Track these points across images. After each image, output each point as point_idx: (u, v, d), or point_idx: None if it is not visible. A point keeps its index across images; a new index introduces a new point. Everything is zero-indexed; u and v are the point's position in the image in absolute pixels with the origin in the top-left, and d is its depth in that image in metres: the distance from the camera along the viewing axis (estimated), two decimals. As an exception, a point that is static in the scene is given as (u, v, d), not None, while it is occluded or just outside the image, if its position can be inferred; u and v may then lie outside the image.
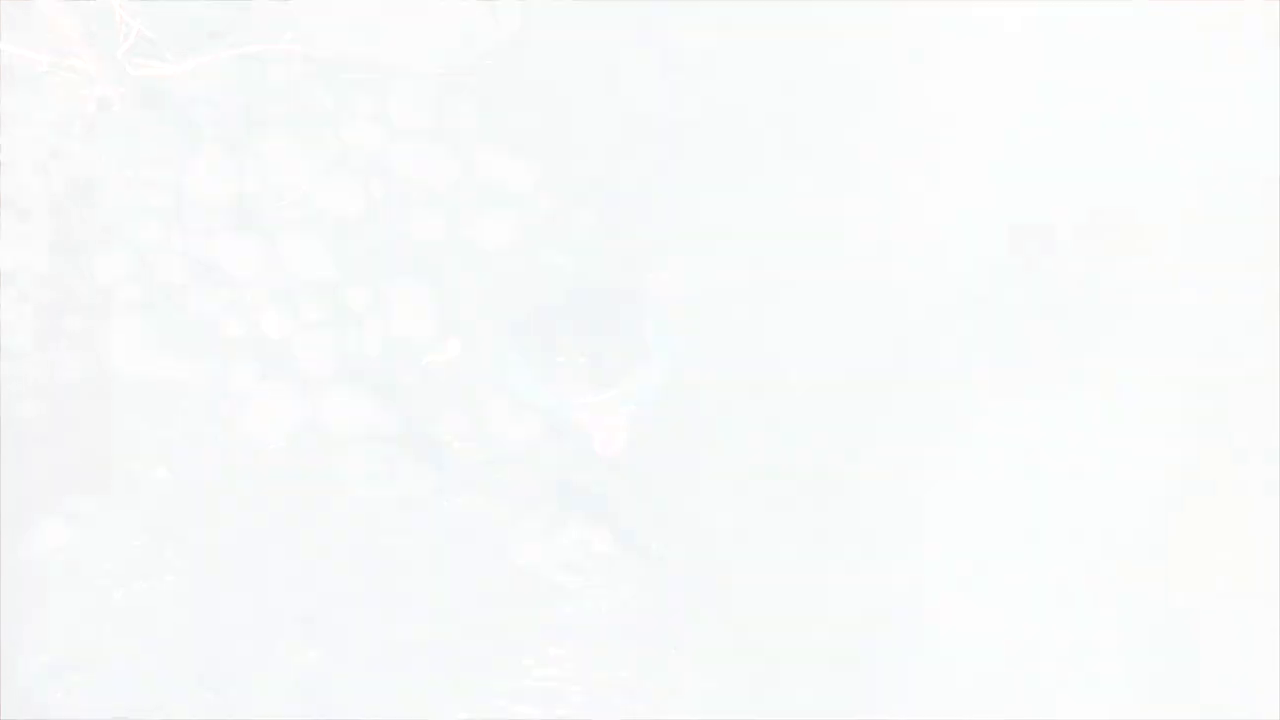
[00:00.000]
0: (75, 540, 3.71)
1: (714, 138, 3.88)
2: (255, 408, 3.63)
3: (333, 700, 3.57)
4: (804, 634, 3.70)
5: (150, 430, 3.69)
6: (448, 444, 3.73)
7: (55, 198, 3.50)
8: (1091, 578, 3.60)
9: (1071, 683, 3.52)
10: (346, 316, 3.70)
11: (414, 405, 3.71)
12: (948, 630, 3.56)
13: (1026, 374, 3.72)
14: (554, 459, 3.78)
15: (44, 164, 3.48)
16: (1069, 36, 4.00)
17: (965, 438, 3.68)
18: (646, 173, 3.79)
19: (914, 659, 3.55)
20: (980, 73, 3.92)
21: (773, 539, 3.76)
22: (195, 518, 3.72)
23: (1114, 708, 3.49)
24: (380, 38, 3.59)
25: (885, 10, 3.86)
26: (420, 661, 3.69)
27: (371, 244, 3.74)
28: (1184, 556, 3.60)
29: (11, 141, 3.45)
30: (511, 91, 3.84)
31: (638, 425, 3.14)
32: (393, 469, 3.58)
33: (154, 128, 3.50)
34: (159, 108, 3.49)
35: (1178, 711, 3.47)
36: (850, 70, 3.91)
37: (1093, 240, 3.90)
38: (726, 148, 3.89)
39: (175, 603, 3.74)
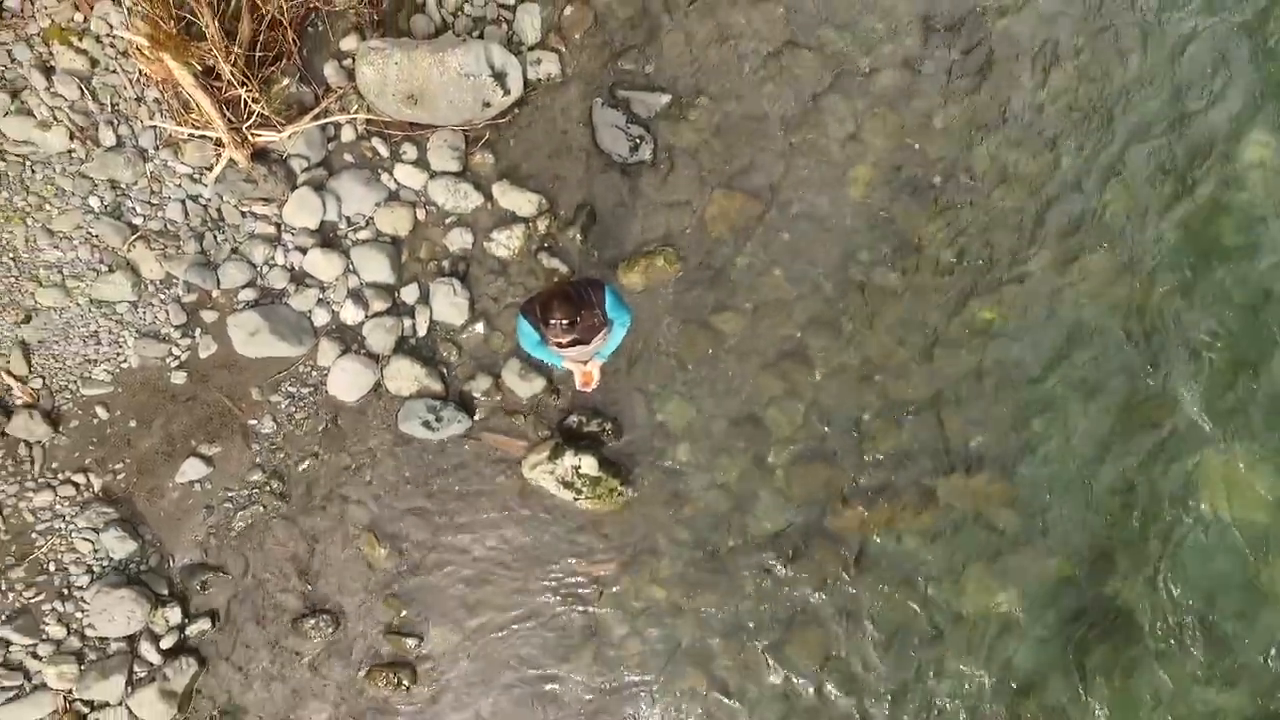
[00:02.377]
0: (209, 475, 5.06)
1: (666, 172, 5.17)
2: (338, 375, 4.74)
3: (412, 591, 4.86)
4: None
5: (262, 394, 5.01)
6: (477, 399, 4.89)
7: (194, 228, 4.84)
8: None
9: None
10: (402, 308, 4.83)
11: (452, 370, 4.83)
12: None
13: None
14: (553, 410, 5.10)
15: (187, 204, 4.83)
16: None
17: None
18: (613, 200, 5.09)
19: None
20: None
21: (710, 465, 5.02)
22: (295, 458, 5.04)
23: None
24: (420, 105, 4.84)
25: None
26: (463, 560, 4.98)
27: (418, 255, 4.95)
28: None
29: (165, 188, 4.80)
30: (516, 141, 5.11)
31: (603, 370, 4.48)
32: (439, 416, 4.78)
33: (263, 176, 4.78)
34: (267, 161, 4.79)
35: None
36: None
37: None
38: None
39: (277, 522, 5.04)
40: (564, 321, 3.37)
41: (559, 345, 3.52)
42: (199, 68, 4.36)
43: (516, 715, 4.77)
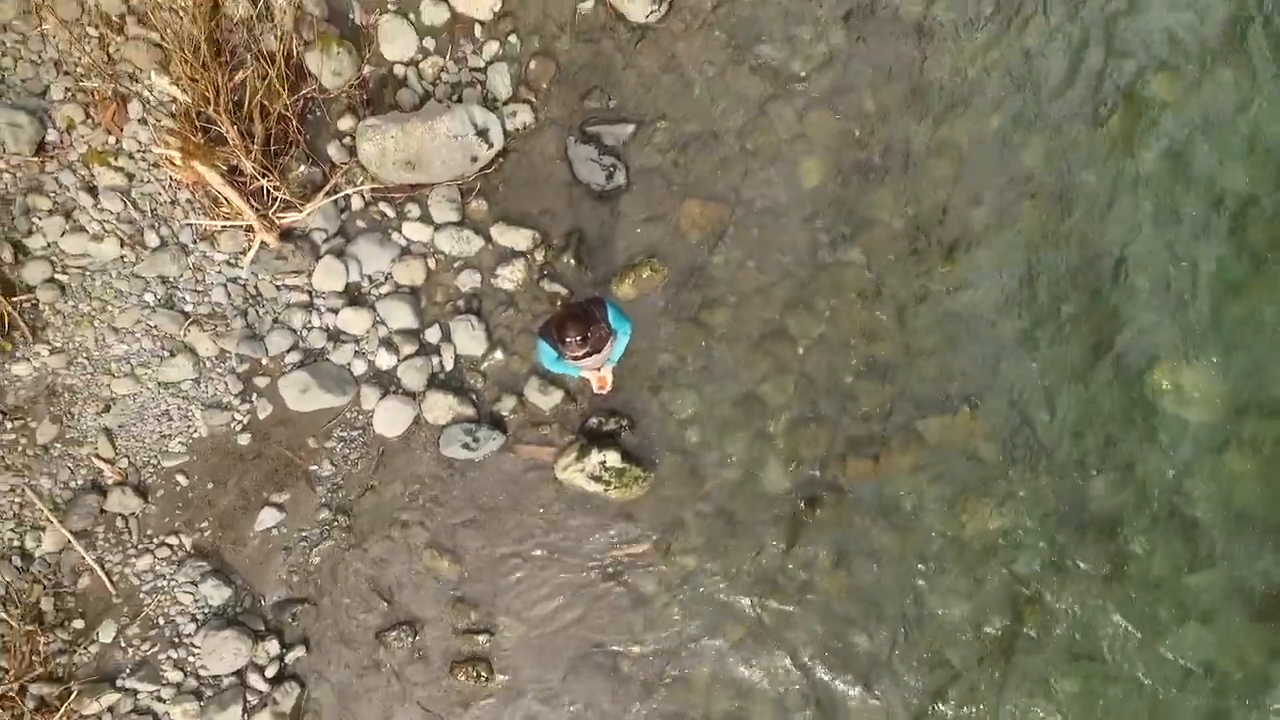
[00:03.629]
0: (282, 520, 5.70)
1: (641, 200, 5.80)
2: (381, 416, 5.36)
3: (476, 593, 5.48)
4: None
5: (318, 442, 5.64)
6: (506, 417, 5.58)
7: (238, 306, 5.48)
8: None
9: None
10: (428, 348, 5.47)
11: (481, 395, 5.48)
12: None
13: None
14: (574, 416, 5.73)
15: (228, 286, 5.48)
16: None
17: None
18: (598, 224, 5.73)
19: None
20: None
21: (719, 443, 5.65)
22: (355, 493, 5.66)
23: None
24: (417, 169, 5.48)
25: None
26: (516, 560, 5.60)
27: (435, 299, 5.62)
28: None
29: (208, 276, 5.45)
30: (505, 186, 5.75)
31: (614, 374, 5.12)
32: (475, 437, 5.40)
33: (291, 252, 5.46)
34: (292, 238, 5.43)
35: None
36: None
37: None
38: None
39: (349, 552, 5.66)
40: (577, 338, 3.99)
41: (575, 358, 4.13)
42: (224, 168, 5.01)
43: (586, 685, 5.40)
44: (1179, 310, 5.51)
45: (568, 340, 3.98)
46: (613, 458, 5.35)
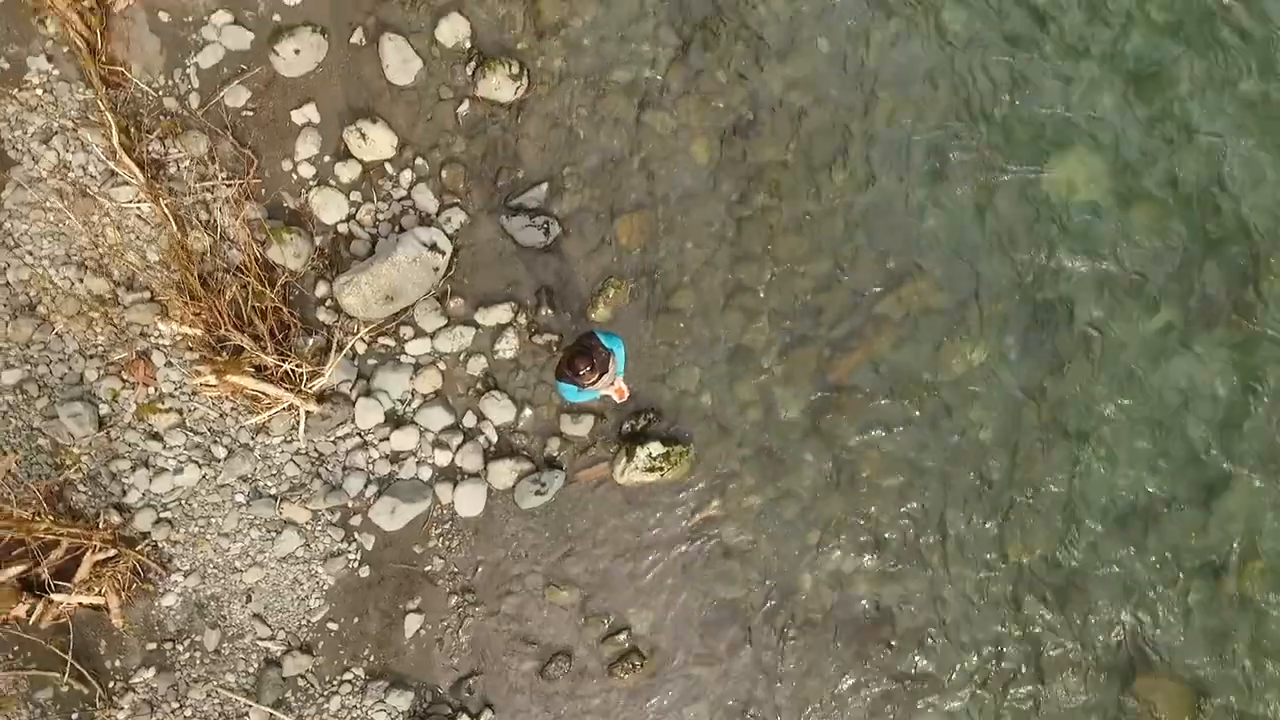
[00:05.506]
0: (424, 619, 6.56)
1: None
2: (461, 501, 6.23)
3: (601, 604, 6.37)
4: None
5: (421, 545, 6.34)
6: (557, 456, 6.54)
7: (310, 471, 6.37)
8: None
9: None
10: (471, 432, 6.33)
11: (530, 449, 6.45)
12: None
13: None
14: (609, 429, 6.63)
15: (295, 460, 6.37)
16: None
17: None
18: (556, 273, 6.63)
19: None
20: None
21: (730, 397, 6.56)
22: (468, 571, 6.54)
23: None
24: (396, 299, 6.29)
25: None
26: (619, 563, 6.50)
27: (458, 392, 6.46)
28: None
29: (275, 458, 6.35)
30: (469, 278, 6.56)
31: (626, 382, 6.06)
32: (541, 483, 6.25)
33: (331, 408, 6.35)
34: (327, 398, 6.36)
35: None
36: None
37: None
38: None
39: (487, 620, 6.56)
40: (586, 368, 4.90)
41: (591, 384, 5.05)
42: (251, 370, 5.93)
43: (719, 634, 6.31)
44: (1074, 126, 6.43)
45: (581, 372, 4.89)
46: (655, 447, 6.26)
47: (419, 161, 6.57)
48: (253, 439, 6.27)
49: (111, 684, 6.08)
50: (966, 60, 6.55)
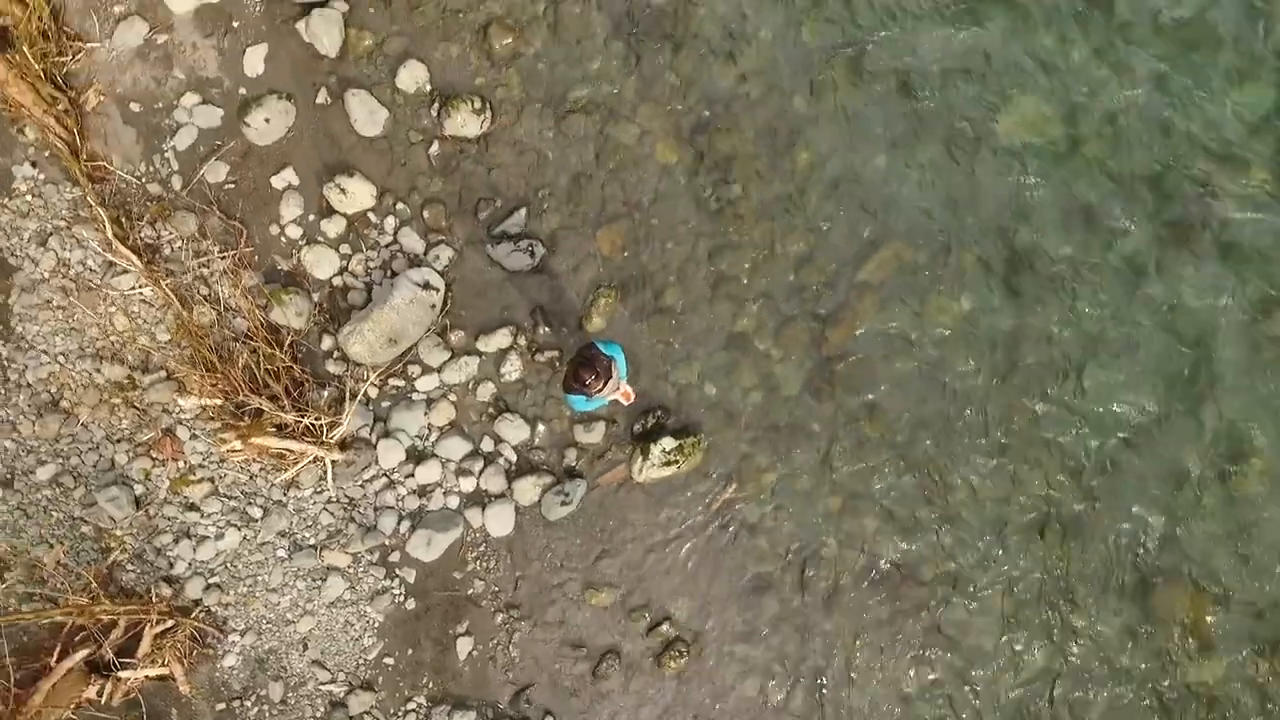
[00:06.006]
0: (474, 640, 6.82)
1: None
2: (491, 523, 6.47)
3: (639, 599, 6.64)
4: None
5: (460, 570, 6.71)
6: (576, 465, 6.76)
7: (343, 516, 6.62)
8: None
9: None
10: (491, 455, 6.56)
11: (549, 463, 6.70)
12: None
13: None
14: (622, 431, 6.89)
15: (327, 508, 6.63)
16: None
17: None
18: (547, 291, 6.89)
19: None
20: None
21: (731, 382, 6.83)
22: (508, 588, 6.81)
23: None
24: (399, 341, 6.55)
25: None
26: (651, 558, 6.76)
27: (472, 419, 6.74)
28: None
29: (308, 509, 6.62)
30: (466, 309, 6.81)
31: (630, 385, 6.31)
32: (565, 493, 6.54)
33: (354, 454, 6.60)
34: (350, 445, 6.62)
35: None
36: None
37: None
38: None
39: (534, 630, 6.82)
40: (591, 377, 5.14)
41: (598, 392, 5.29)
42: (273, 429, 6.18)
43: (756, 609, 6.56)
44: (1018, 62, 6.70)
45: (587, 382, 5.14)
46: (668, 442, 6.52)
47: (400, 206, 6.83)
48: (285, 495, 6.52)
49: (188, 748, 6.34)
50: (908, 23, 6.78)
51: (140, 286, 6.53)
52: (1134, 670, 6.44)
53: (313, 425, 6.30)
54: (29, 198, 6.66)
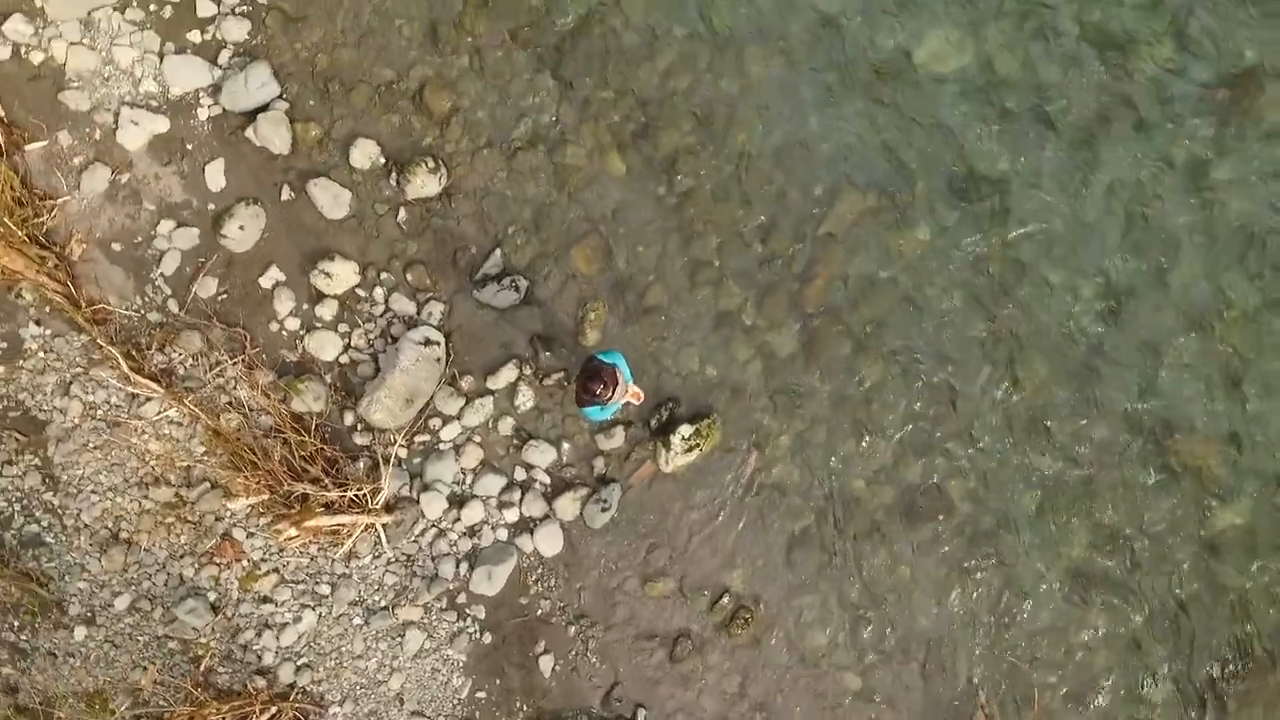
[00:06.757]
0: (553, 656, 7.22)
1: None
2: (541, 544, 6.81)
3: (695, 577, 7.03)
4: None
5: (524, 595, 7.10)
6: (606, 472, 7.15)
7: (406, 572, 7.02)
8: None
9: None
10: (527, 483, 6.97)
11: (580, 475, 7.04)
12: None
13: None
14: (641, 430, 7.27)
15: (389, 568, 7.01)
16: None
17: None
18: (539, 320, 7.27)
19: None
20: None
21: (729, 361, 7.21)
22: (573, 601, 7.20)
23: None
24: (415, 399, 6.94)
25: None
26: (696, 540, 7.15)
27: (499, 455, 7.19)
28: None
29: (372, 574, 7.01)
30: (469, 354, 7.23)
31: (638, 386, 6.70)
32: (603, 500, 6.90)
33: (400, 513, 7.00)
34: (395, 506, 7.01)
35: None
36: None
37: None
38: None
39: (606, 633, 7.21)
40: (599, 387, 5.53)
41: (610, 400, 5.68)
42: (322, 509, 6.57)
43: (805, 562, 6.94)
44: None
45: (597, 392, 5.53)
46: (685, 429, 6.90)
47: (384, 275, 7.22)
48: (347, 566, 6.91)
49: (317, 821, 6.73)
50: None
51: (165, 410, 6.92)
52: (1167, 528, 6.79)
53: (357, 496, 6.69)
54: (42, 354, 7.04)
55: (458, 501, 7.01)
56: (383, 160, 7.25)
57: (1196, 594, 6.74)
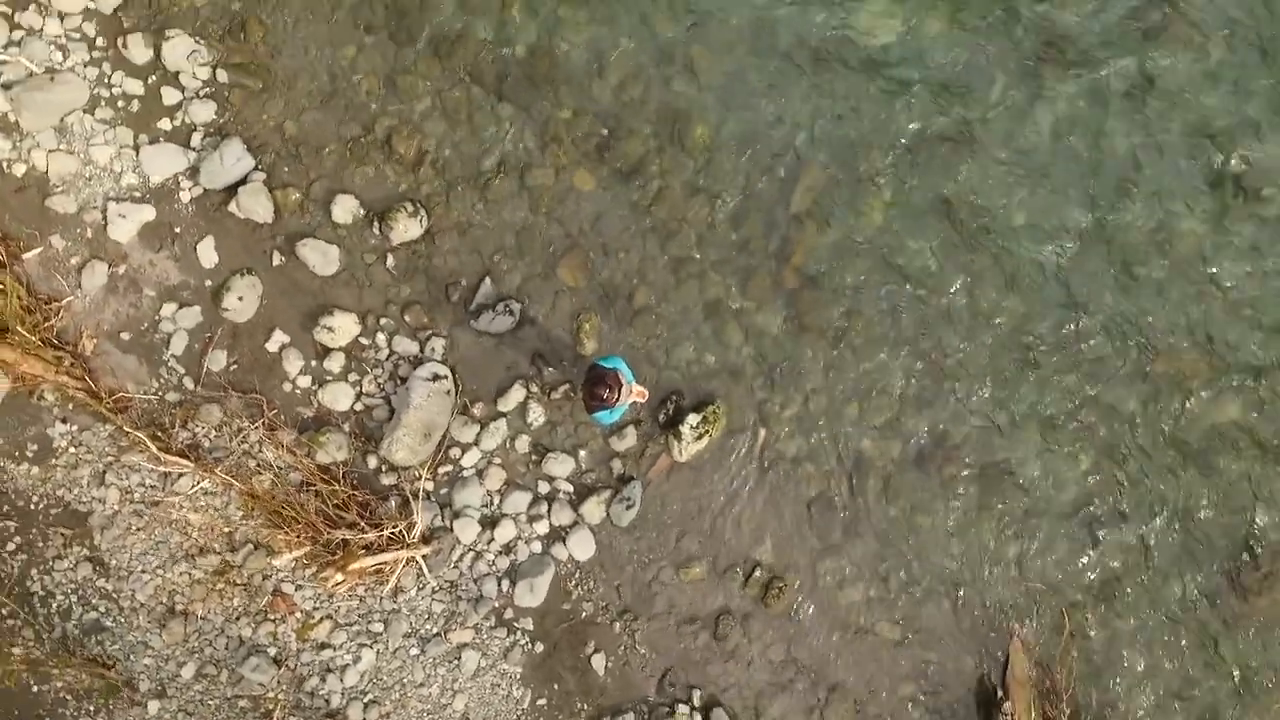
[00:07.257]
0: (604, 654, 7.54)
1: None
2: (575, 550, 7.10)
3: (726, 558, 7.35)
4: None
5: (568, 599, 7.44)
6: (624, 471, 7.51)
7: (453, 597, 7.33)
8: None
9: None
10: (552, 494, 7.33)
11: (601, 479, 7.42)
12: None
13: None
14: (651, 427, 7.57)
15: (437, 595, 7.32)
16: None
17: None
18: (536, 339, 7.58)
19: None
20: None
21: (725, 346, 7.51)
22: (614, 598, 7.50)
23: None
24: (432, 432, 7.25)
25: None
26: (721, 523, 7.46)
27: (522, 471, 7.52)
28: None
29: (420, 604, 7.32)
30: (476, 382, 7.54)
31: (641, 384, 7.01)
32: (627, 498, 7.30)
33: (438, 544, 7.30)
34: (431, 537, 7.31)
35: None
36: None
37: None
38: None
39: (650, 622, 7.51)
40: (605, 391, 5.83)
41: (616, 402, 5.98)
42: (363, 551, 6.88)
43: (828, 526, 7.24)
44: None
45: (604, 397, 5.83)
46: (692, 418, 7.20)
47: (384, 321, 7.52)
48: (395, 602, 7.21)
49: (408, 845, 7.04)
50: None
51: (199, 482, 7.22)
52: (1161, 435, 7.10)
53: (393, 534, 6.99)
54: (72, 450, 7.34)
55: (489, 523, 7.31)
56: (363, 212, 7.54)
57: (1202, 491, 7.04)
